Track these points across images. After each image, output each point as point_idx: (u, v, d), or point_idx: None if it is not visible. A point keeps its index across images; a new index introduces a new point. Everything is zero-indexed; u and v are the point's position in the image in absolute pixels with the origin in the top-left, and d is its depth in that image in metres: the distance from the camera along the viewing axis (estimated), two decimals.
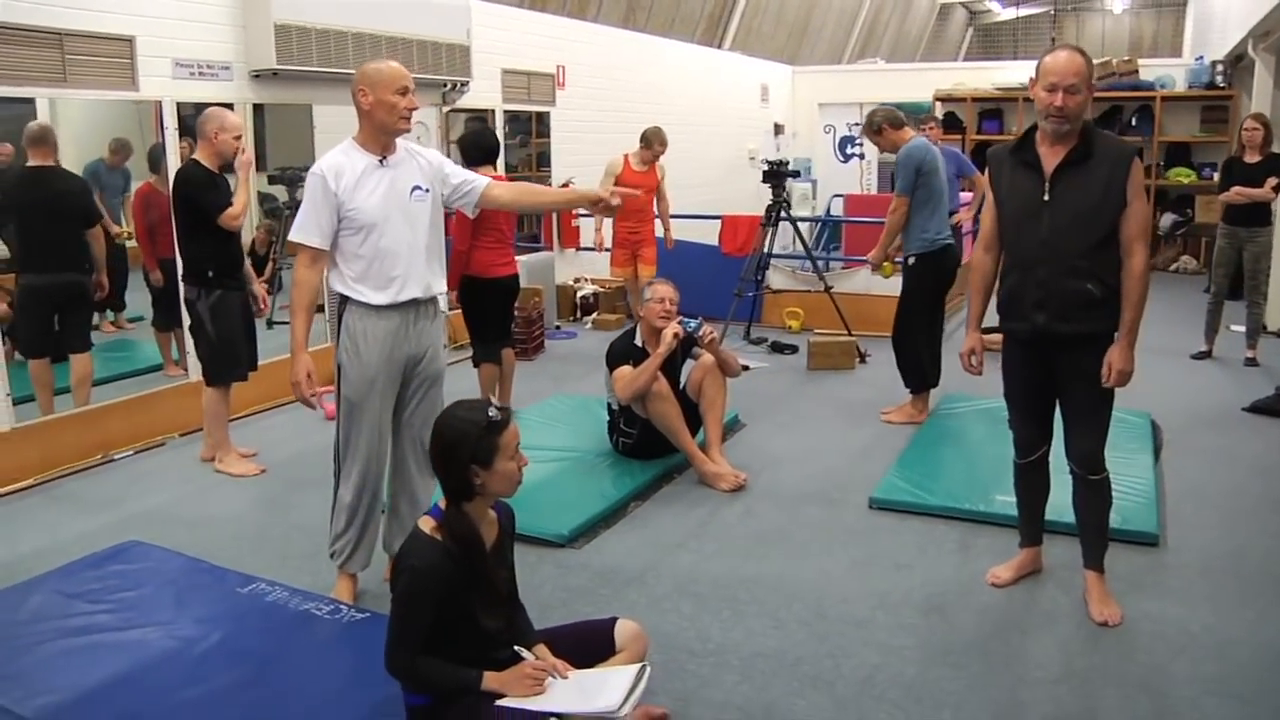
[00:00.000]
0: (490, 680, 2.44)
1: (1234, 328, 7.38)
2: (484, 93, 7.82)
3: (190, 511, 4.52)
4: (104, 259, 5.43)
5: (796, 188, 12.74)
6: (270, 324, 6.15)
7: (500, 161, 8.05)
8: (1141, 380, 6.47)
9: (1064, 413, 3.48)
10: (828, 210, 12.08)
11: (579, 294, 8.63)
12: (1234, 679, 3.08)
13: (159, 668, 2.99)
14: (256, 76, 5.91)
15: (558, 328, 8.28)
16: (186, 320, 5.06)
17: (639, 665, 2.55)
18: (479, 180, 3.61)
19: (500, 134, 8.11)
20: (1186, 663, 3.18)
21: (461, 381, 5.95)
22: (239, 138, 4.86)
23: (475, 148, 5.71)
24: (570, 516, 4.18)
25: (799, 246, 7.99)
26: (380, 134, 3.38)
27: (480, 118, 8.02)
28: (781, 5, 13.89)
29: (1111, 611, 3.47)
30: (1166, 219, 11.93)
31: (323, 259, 3.40)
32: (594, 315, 8.48)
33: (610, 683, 2.47)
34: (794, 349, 7.44)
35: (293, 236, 3.37)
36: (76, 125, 5.62)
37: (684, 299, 8.21)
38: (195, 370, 5.72)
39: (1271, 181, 6.82)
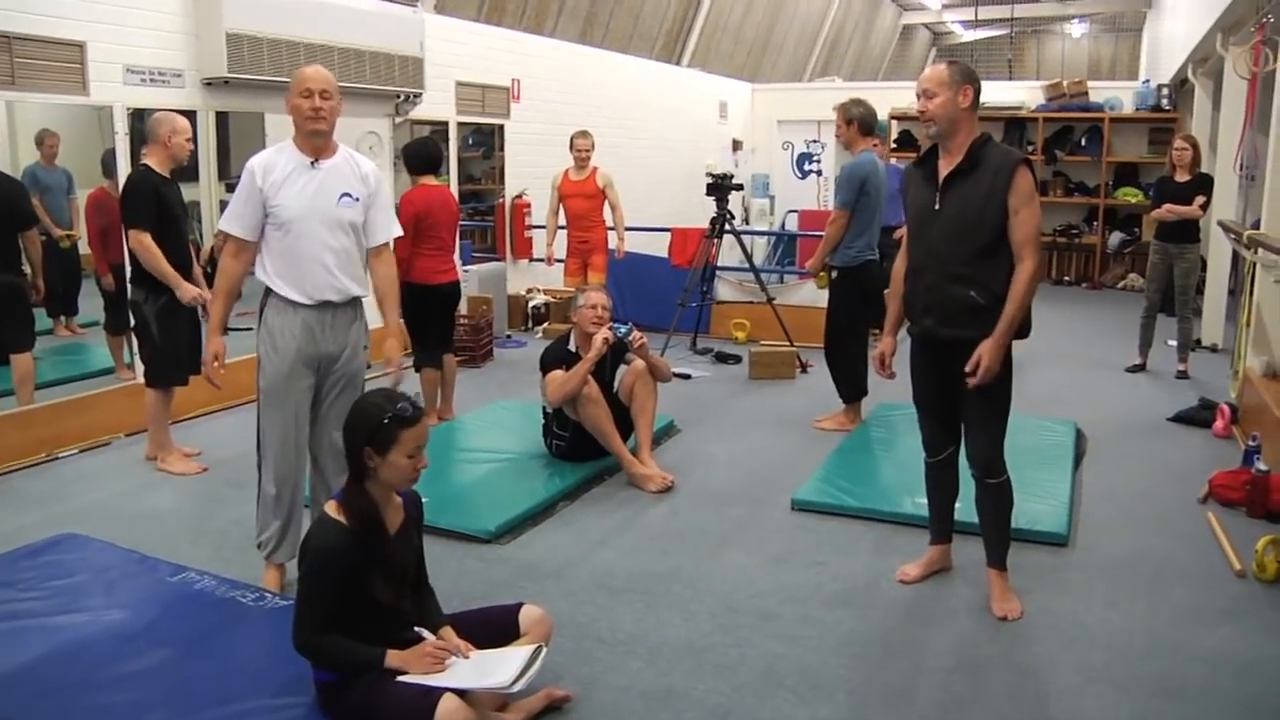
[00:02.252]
0: (393, 658, 2.57)
1: (1169, 342, 7.60)
2: (438, 104, 7.95)
3: (130, 507, 4.62)
4: (39, 261, 5.46)
5: (754, 203, 12.99)
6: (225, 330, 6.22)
7: (453, 173, 8.24)
8: (1074, 390, 6.75)
9: (963, 418, 3.63)
10: (783, 225, 12.30)
11: (530, 304, 8.76)
12: (1116, 667, 3.24)
13: (83, 650, 3.09)
14: (208, 84, 6.02)
15: (508, 336, 8.40)
16: (132, 322, 5.13)
17: (534, 646, 2.68)
18: (379, 238, 3.73)
19: (454, 146, 8.26)
20: (1075, 653, 3.34)
21: (405, 387, 6.07)
22: (190, 140, 4.97)
23: (416, 157, 5.86)
24: (497, 513, 4.31)
25: (762, 257, 8.16)
26: (300, 135, 3.52)
27: (439, 130, 8.16)
28: (741, 23, 14.10)
29: (1010, 607, 3.62)
30: (1114, 237, 12.23)
31: (247, 250, 3.53)
32: (544, 325, 8.61)
33: (506, 661, 2.61)
34: (737, 359, 7.60)
35: (219, 224, 3.53)
36: (34, 129, 5.72)
37: (634, 309, 8.41)
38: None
39: (1199, 200, 7.06)
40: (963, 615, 3.61)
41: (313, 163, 3.53)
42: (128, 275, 5.15)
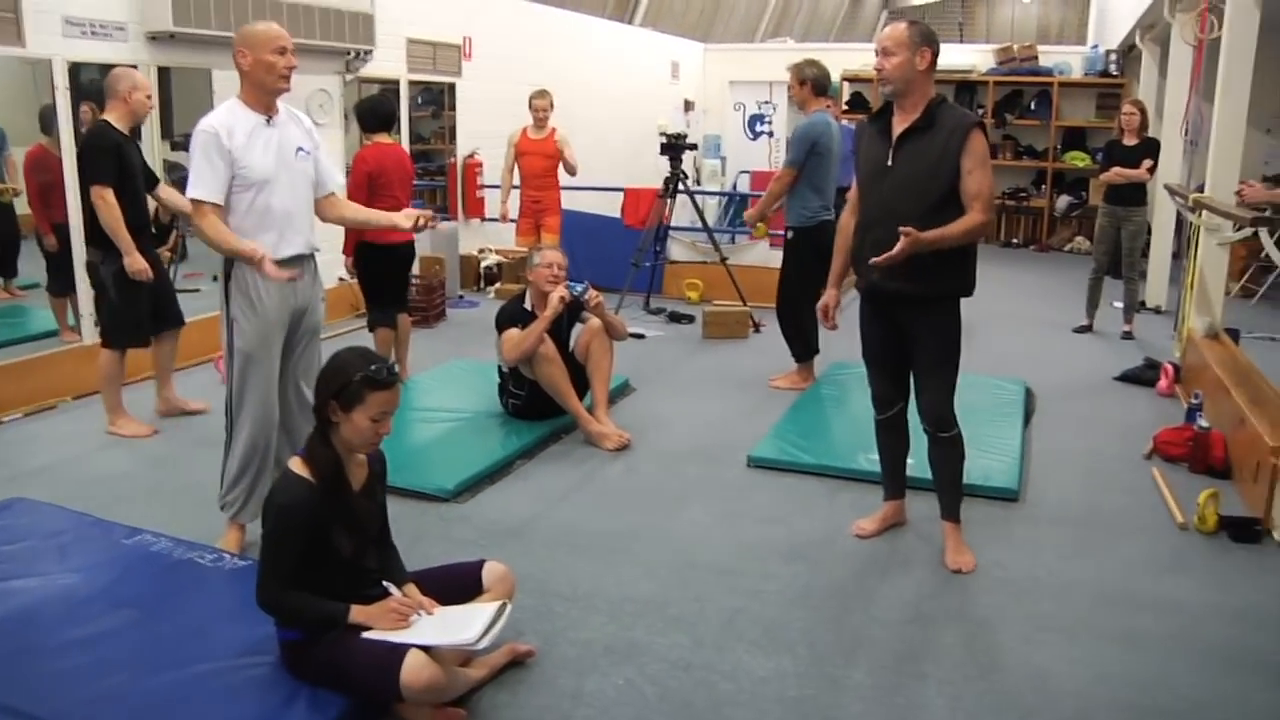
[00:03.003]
0: (357, 614, 2.57)
1: (1116, 304, 7.74)
2: (388, 62, 7.82)
3: (81, 471, 4.54)
4: None
5: (706, 164, 12.96)
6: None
7: (404, 132, 8.13)
8: (1023, 351, 6.86)
9: (913, 373, 3.68)
10: (734, 186, 12.30)
11: (483, 264, 8.71)
12: (1064, 616, 3.34)
13: (37, 615, 3.05)
14: (153, 38, 5.87)
15: (460, 297, 8.35)
16: (88, 285, 5.01)
17: (500, 603, 2.70)
18: (330, 187, 3.73)
19: (405, 104, 8.14)
20: (1026, 604, 3.43)
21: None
22: (150, 96, 4.87)
23: (371, 114, 5.78)
24: (455, 472, 4.31)
25: (714, 218, 8.17)
26: (262, 94, 3.46)
27: (391, 88, 8.04)
28: None
29: (965, 560, 3.70)
30: (1062, 200, 12.38)
31: (221, 213, 3.43)
32: (497, 285, 8.56)
33: (471, 618, 2.62)
34: (690, 319, 7.62)
35: (195, 194, 3.36)
36: None
37: (587, 270, 8.35)
38: (91, 334, 5.72)
39: (1147, 163, 7.18)
40: (917, 568, 3.68)
41: (268, 120, 3.48)
42: (83, 235, 5.05)
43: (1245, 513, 4.13)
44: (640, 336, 7.14)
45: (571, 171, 7.37)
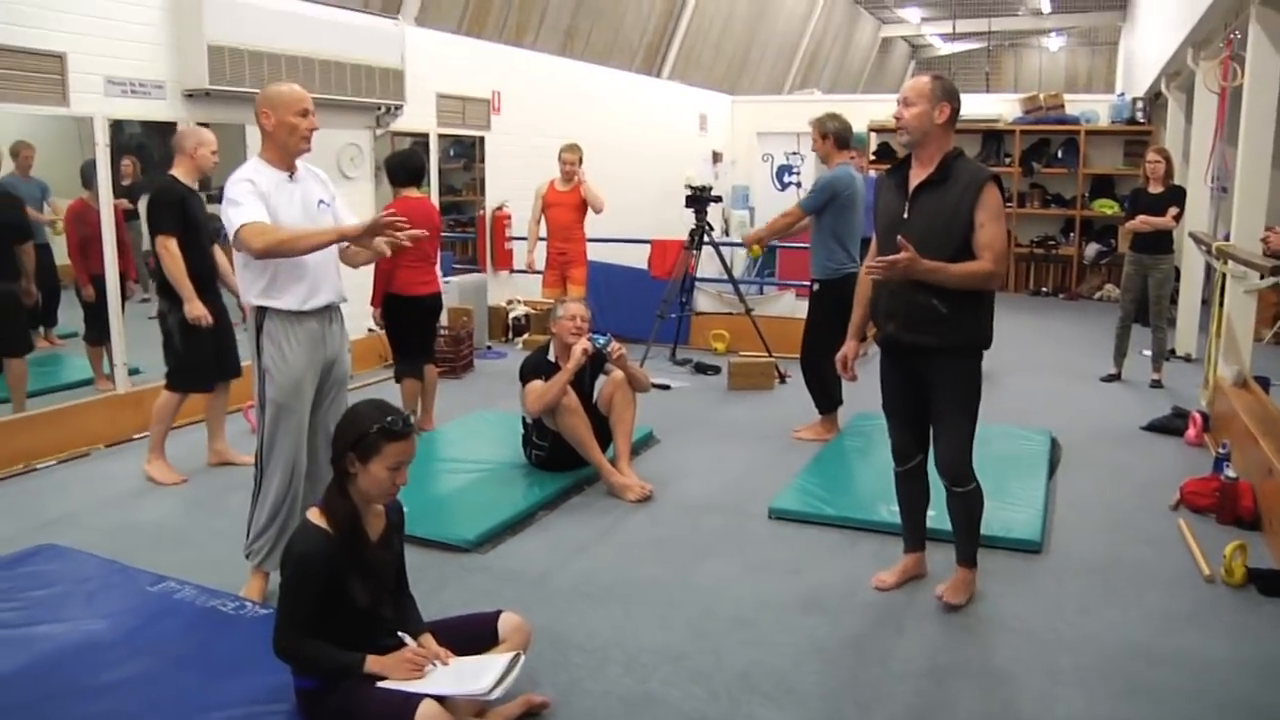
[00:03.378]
0: (373, 663, 2.61)
1: (1145, 352, 7.70)
2: (418, 116, 7.99)
3: (109, 518, 4.63)
4: (32, 271, 5.62)
5: (734, 214, 13.07)
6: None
7: (433, 185, 8.28)
8: (1049, 400, 6.83)
9: (935, 428, 3.68)
10: None
11: (511, 315, 8.80)
12: (1084, 670, 3.30)
13: (62, 660, 3.11)
14: (190, 96, 6.05)
15: (489, 347, 8.43)
16: (159, 335, 5.17)
17: (514, 653, 2.72)
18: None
19: (435, 157, 8.30)
20: (1046, 657, 3.40)
21: (386, 397, 6.09)
22: (215, 152, 5.03)
23: (400, 169, 5.89)
24: (477, 522, 4.35)
25: (739, 269, 8.21)
26: (284, 153, 3.57)
27: (421, 142, 8.20)
28: (721, 36, 14.19)
29: (957, 594, 3.71)
30: (1091, 249, 12.36)
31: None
32: (525, 336, 8.64)
33: (485, 668, 2.65)
34: (717, 370, 7.65)
35: (241, 219, 3.36)
36: (9, 140, 5.73)
37: (613, 321, 8.44)
38: (124, 383, 5.85)
39: (1173, 211, 7.17)
40: (935, 621, 3.66)
41: (289, 176, 3.59)
42: (118, 287, 5.22)
43: (1275, 565, 4.08)
44: (666, 387, 7.18)
45: (598, 208, 7.46)
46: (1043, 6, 19.10)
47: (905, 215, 3.54)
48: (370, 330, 6.67)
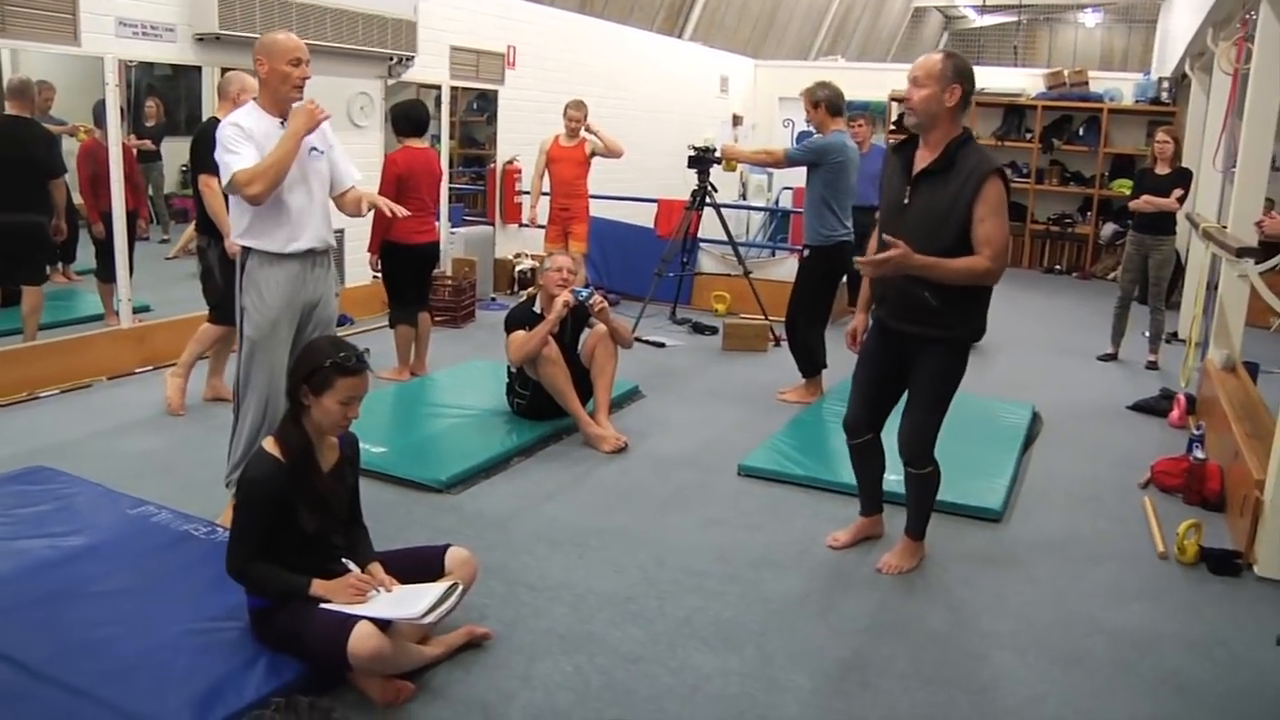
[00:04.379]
0: (318, 587, 2.75)
1: (1145, 333, 7.71)
2: (431, 68, 8.05)
3: (103, 446, 4.80)
4: (63, 206, 5.93)
5: (752, 179, 13.08)
6: None
7: (443, 136, 8.37)
8: (1041, 376, 6.87)
9: (905, 407, 3.72)
10: (776, 201, 12.41)
11: (517, 268, 8.91)
12: (1018, 636, 3.40)
13: (36, 572, 3.29)
14: (200, 39, 6.15)
15: (493, 299, 8.55)
16: (197, 267, 5.38)
17: (451, 583, 2.86)
18: (347, 182, 3.92)
19: (445, 109, 8.39)
20: (986, 622, 3.50)
21: (384, 342, 6.26)
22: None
23: (404, 119, 5.99)
24: (451, 465, 4.50)
25: (754, 232, 8.26)
26: (277, 100, 3.67)
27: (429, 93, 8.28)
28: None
29: (895, 564, 3.80)
30: (1107, 229, 12.28)
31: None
32: (530, 289, 8.75)
33: (422, 595, 2.78)
34: (714, 330, 7.74)
35: (236, 166, 3.51)
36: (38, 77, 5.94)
37: (618, 279, 8.55)
38: (128, 319, 6.03)
39: (1177, 193, 7.16)
40: (883, 581, 3.76)
41: (281, 123, 3.68)
42: (124, 225, 5.62)
43: (1232, 546, 4.15)
44: (660, 345, 7.29)
45: (617, 152, 7.51)
46: None
47: (905, 200, 3.47)
48: (375, 277, 6.79)
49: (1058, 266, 12.61)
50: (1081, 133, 12.49)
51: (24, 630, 2.92)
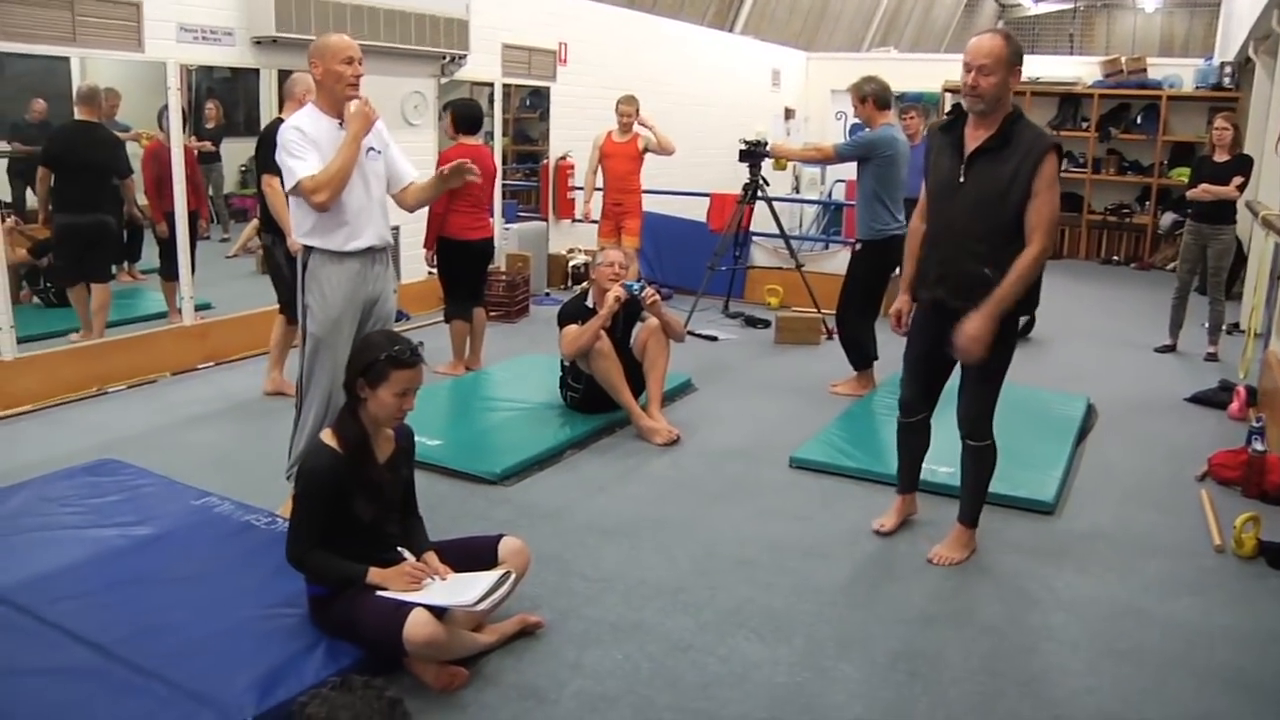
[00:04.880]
0: (374, 575, 2.84)
1: (1205, 324, 7.60)
2: (483, 66, 8.14)
3: (168, 439, 4.95)
4: (132, 206, 6.22)
5: (806, 172, 13.05)
6: None
7: (497, 133, 8.47)
8: (1098, 368, 6.80)
9: (960, 381, 3.74)
10: (829, 194, 12.37)
11: (570, 263, 8.98)
12: (1070, 628, 3.39)
13: (110, 559, 3.43)
14: (258, 43, 6.29)
15: (547, 294, 8.63)
16: (260, 266, 5.60)
17: (504, 571, 2.93)
18: (406, 179, 3.99)
19: (498, 106, 8.48)
20: (1036, 614, 3.49)
21: (439, 338, 6.36)
22: None
23: (460, 117, 6.08)
24: (506, 457, 4.58)
25: (807, 225, 8.26)
26: (333, 100, 3.76)
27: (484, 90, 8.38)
28: None
29: (947, 555, 3.81)
30: (1166, 218, 12.06)
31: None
32: (584, 284, 8.82)
33: (475, 583, 2.86)
34: (767, 324, 7.76)
35: (303, 173, 3.63)
36: (105, 84, 6.10)
37: (671, 273, 8.60)
38: (190, 316, 6.20)
39: (1237, 180, 7.03)
40: (933, 572, 3.77)
41: (340, 124, 3.77)
42: (186, 225, 5.88)
43: None
44: (713, 339, 7.33)
45: (669, 149, 7.56)
46: None
47: (961, 179, 3.50)
48: (429, 273, 6.90)
49: (1115, 257, 12.43)
50: (1140, 121, 12.28)
51: (97, 613, 3.05)
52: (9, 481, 4.19)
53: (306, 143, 3.67)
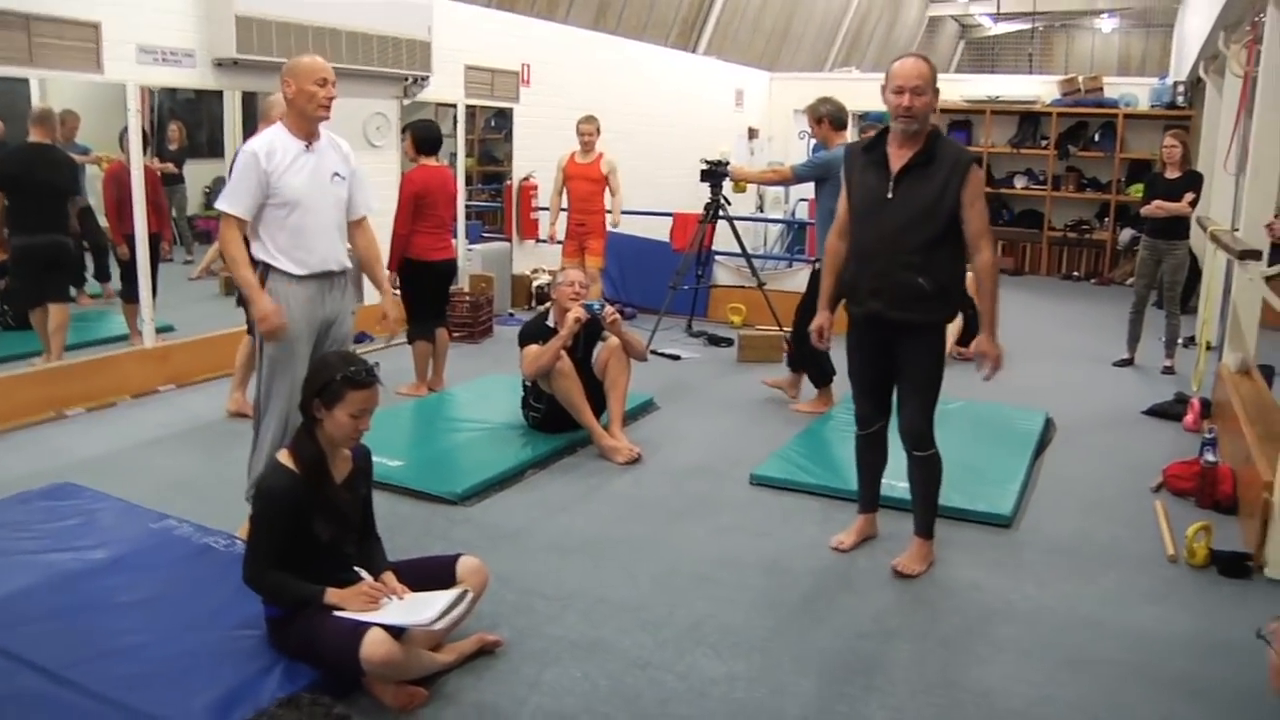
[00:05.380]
0: (331, 595, 2.84)
1: (1161, 339, 7.71)
2: (446, 87, 8.17)
3: (126, 462, 4.92)
4: (78, 227, 6.27)
5: (769, 191, 13.14)
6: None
7: (459, 154, 8.50)
8: (1056, 382, 6.88)
9: (898, 392, 3.84)
10: (793, 213, 12.47)
11: (534, 284, 9.00)
12: (1026, 639, 3.43)
13: (64, 584, 3.41)
14: (219, 64, 6.28)
15: (511, 314, 8.65)
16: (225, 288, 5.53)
17: (460, 589, 2.93)
18: (360, 211, 4.03)
19: (461, 127, 8.51)
20: (992, 626, 3.53)
21: (402, 359, 6.36)
22: None
23: (422, 140, 6.10)
24: (467, 477, 4.58)
25: (771, 244, 8.31)
26: (303, 121, 3.76)
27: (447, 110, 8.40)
28: (760, 11, 14.22)
29: (911, 566, 3.86)
30: (1125, 234, 12.24)
31: (244, 226, 3.75)
32: (547, 304, 8.84)
33: (432, 602, 2.86)
34: (730, 342, 7.80)
35: (221, 205, 3.72)
36: (66, 105, 6.27)
37: (635, 292, 8.62)
38: (151, 339, 6.16)
39: (1188, 197, 7.17)
40: (891, 586, 3.80)
41: (308, 145, 3.78)
42: (147, 248, 5.82)
43: (1243, 549, 4.15)
44: (676, 358, 7.36)
45: (614, 194, 7.65)
46: None
47: (890, 195, 3.62)
48: (393, 294, 6.90)
49: (1076, 273, 12.61)
50: (1098, 138, 12.50)
51: (49, 638, 3.03)
52: None
53: (250, 175, 3.68)
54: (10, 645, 2.98)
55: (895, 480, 4.26)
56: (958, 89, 13.18)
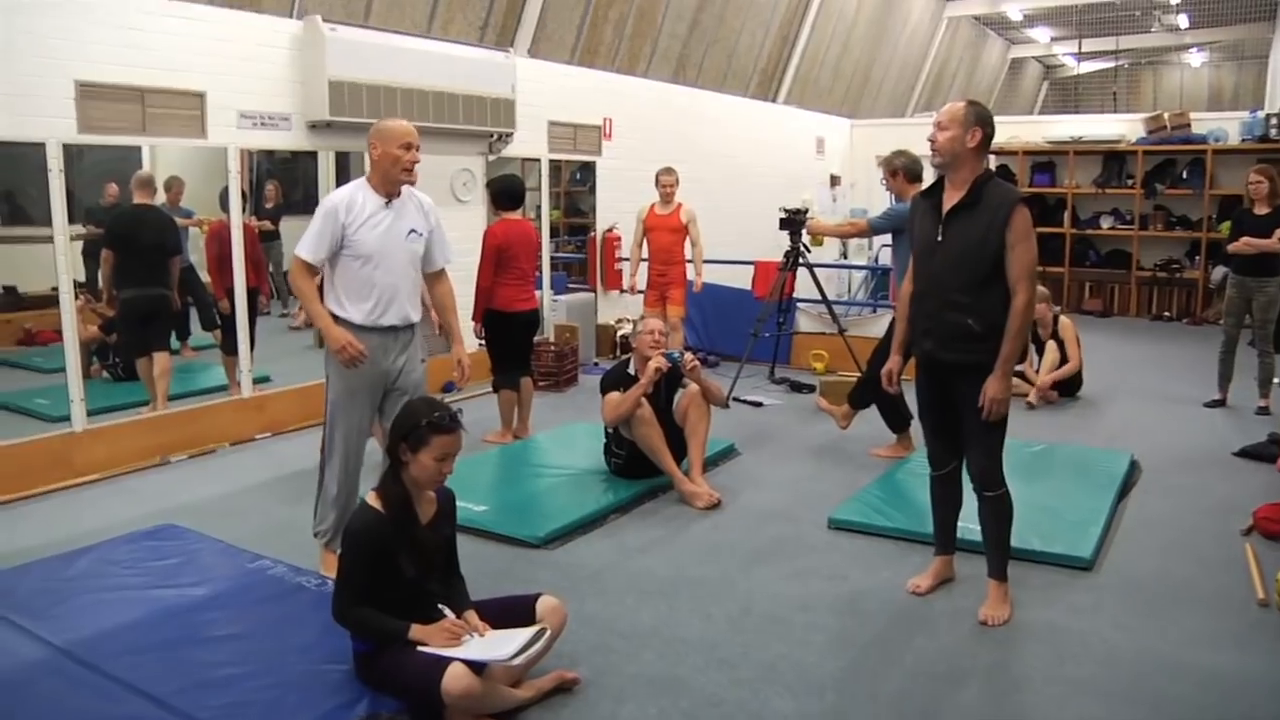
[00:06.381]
0: (416, 631, 2.97)
1: (1256, 378, 7.53)
2: (530, 142, 8.42)
3: (225, 506, 5.17)
4: (177, 282, 6.60)
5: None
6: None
7: (544, 207, 8.74)
8: (1144, 424, 6.77)
9: (962, 434, 3.86)
10: (875, 259, 12.48)
11: (618, 333, 9.16)
12: (1103, 681, 3.40)
13: (166, 618, 3.63)
14: (313, 127, 6.62)
15: (596, 363, 8.80)
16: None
17: (539, 627, 3.04)
18: (437, 264, 4.20)
19: (545, 181, 8.75)
20: (1069, 667, 3.51)
21: (488, 408, 6.54)
22: None
23: (502, 194, 6.31)
24: (549, 522, 4.71)
25: (858, 289, 8.34)
26: (385, 181, 3.95)
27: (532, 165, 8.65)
28: (840, 59, 14.32)
29: (995, 614, 3.83)
30: (1218, 272, 11.83)
31: (314, 273, 3.96)
32: (628, 354, 8.97)
33: (511, 639, 2.97)
34: (811, 388, 7.83)
35: (299, 251, 3.91)
36: (172, 169, 6.67)
37: (717, 340, 8.71)
38: (249, 389, 6.45)
39: (1278, 233, 7.03)
40: (966, 627, 3.80)
41: (387, 202, 3.97)
42: (245, 302, 6.18)
43: None
44: (758, 404, 7.42)
45: (695, 244, 7.79)
46: (1179, 22, 18.55)
47: (940, 238, 3.72)
48: (479, 344, 7.10)
49: (1167, 313, 12.34)
50: (1185, 175, 12.26)
51: (155, 668, 3.24)
52: (76, 546, 4.41)
53: (330, 223, 3.86)
54: (120, 673, 3.20)
55: (972, 523, 4.26)
56: (1040, 130, 13.09)
